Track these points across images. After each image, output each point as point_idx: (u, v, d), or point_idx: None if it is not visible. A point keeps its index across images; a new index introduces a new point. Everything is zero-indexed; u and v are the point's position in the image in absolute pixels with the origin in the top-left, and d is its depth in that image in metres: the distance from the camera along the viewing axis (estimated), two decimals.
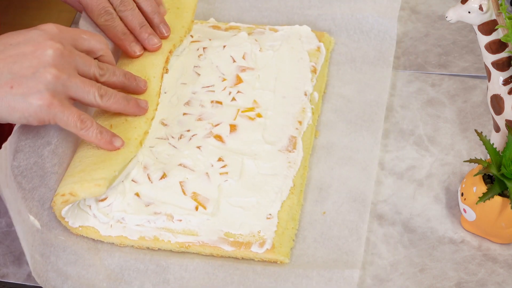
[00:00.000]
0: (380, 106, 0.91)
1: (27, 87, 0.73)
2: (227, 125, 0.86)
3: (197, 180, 0.81)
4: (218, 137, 0.85)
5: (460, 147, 0.89)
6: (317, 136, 0.89)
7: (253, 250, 0.77)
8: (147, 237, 0.78)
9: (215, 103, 0.88)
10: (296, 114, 0.88)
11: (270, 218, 0.79)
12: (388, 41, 0.98)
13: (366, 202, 0.83)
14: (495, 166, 0.76)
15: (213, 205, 0.79)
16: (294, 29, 0.97)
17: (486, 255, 0.80)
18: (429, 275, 0.78)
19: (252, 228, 0.78)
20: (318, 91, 0.92)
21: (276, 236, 0.78)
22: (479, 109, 0.93)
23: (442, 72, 0.98)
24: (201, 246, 0.78)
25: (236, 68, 0.92)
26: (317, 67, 0.93)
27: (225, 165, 0.82)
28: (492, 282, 0.77)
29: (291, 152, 0.84)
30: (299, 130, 0.86)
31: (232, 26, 0.99)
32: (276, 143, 0.85)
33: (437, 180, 0.86)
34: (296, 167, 0.83)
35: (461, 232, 0.81)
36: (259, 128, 0.86)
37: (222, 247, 0.77)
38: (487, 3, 0.75)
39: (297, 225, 0.81)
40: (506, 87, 0.79)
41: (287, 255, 0.77)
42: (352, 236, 0.80)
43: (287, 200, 0.81)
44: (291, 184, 0.82)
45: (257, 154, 0.84)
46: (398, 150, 0.89)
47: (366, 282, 0.77)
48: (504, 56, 0.78)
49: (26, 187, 0.77)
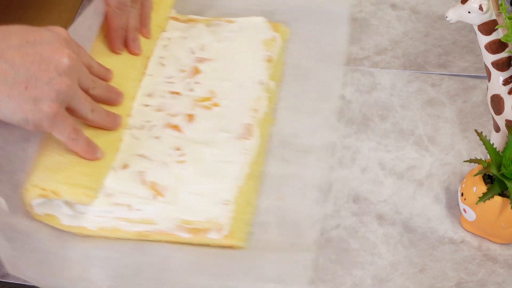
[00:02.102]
0: (333, 94, 0.94)
1: (41, 92, 0.73)
2: (184, 115, 0.88)
3: (155, 169, 0.82)
4: (175, 127, 0.87)
5: (460, 147, 0.89)
6: (273, 124, 0.91)
7: (210, 236, 0.78)
8: (106, 228, 0.79)
9: (174, 94, 0.90)
10: (252, 102, 0.90)
11: (226, 204, 0.80)
12: (341, 29, 1.01)
13: (322, 187, 0.84)
14: (495, 166, 0.76)
15: (171, 193, 0.80)
16: (250, 20, 0.99)
17: (486, 255, 0.80)
18: (429, 275, 0.78)
19: (209, 214, 0.79)
20: (274, 80, 0.93)
21: (233, 221, 0.79)
22: (479, 109, 0.93)
23: (442, 72, 0.98)
24: (159, 234, 0.78)
25: (195, 60, 0.94)
26: (272, 57, 0.95)
27: (183, 154, 0.84)
28: (492, 282, 0.77)
29: (247, 140, 0.86)
30: (255, 118, 0.88)
31: (191, 18, 1.01)
32: (232, 131, 0.86)
33: (437, 180, 0.86)
34: (253, 154, 0.85)
35: (461, 232, 0.82)
36: (216, 117, 0.88)
37: (180, 234, 0.78)
38: (487, 3, 0.75)
39: (254, 210, 0.82)
40: (506, 87, 0.79)
41: (243, 240, 0.79)
42: (308, 221, 0.81)
43: (243, 186, 0.82)
44: (247, 170, 0.83)
45: (213, 142, 0.85)
46: (398, 150, 0.89)
47: (366, 282, 0.77)
48: (504, 56, 0.78)
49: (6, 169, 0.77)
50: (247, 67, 0.94)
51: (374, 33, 1.03)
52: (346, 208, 0.84)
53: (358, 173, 0.87)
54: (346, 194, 0.85)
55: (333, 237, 0.81)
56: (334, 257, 0.79)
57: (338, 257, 0.79)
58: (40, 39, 0.75)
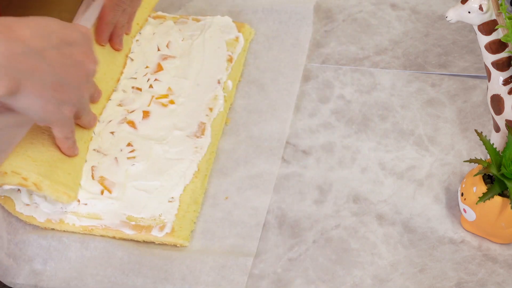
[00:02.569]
0: (291, 95, 0.94)
1: (68, 96, 0.73)
2: (140, 112, 0.88)
3: (106, 164, 0.83)
4: (131, 122, 0.87)
5: (460, 147, 0.89)
6: (228, 123, 0.92)
7: (153, 233, 0.79)
8: (53, 220, 0.79)
9: (136, 89, 0.91)
10: (208, 101, 0.90)
11: (172, 202, 0.81)
12: (305, 28, 1.02)
13: (268, 188, 0.84)
14: (495, 166, 0.76)
15: (118, 189, 0.81)
16: (215, 20, 1.00)
17: (486, 255, 0.80)
18: (429, 275, 0.78)
19: (154, 211, 0.80)
20: (232, 80, 0.94)
21: (177, 219, 0.80)
22: (479, 109, 0.93)
23: (442, 72, 0.98)
24: (103, 229, 0.79)
25: (159, 57, 0.95)
26: (233, 56, 0.96)
27: (133, 150, 0.85)
28: (492, 282, 0.77)
29: (199, 138, 0.87)
30: (209, 116, 0.89)
31: (159, 15, 1.01)
32: (185, 129, 0.87)
33: (437, 180, 0.86)
34: (203, 152, 0.86)
35: (461, 232, 0.82)
36: (171, 115, 0.89)
37: (124, 230, 0.79)
38: (487, 3, 0.75)
39: (199, 209, 0.82)
40: (506, 87, 0.79)
41: (186, 238, 0.79)
42: (251, 222, 0.81)
43: (190, 184, 0.83)
44: (195, 168, 0.84)
45: (165, 140, 0.86)
46: (398, 150, 0.89)
47: (366, 282, 0.77)
48: (504, 56, 0.78)
49: None
50: (208, 66, 0.94)
51: (374, 33, 1.03)
52: (346, 208, 0.84)
53: (358, 173, 0.87)
54: (346, 194, 0.85)
55: (333, 237, 0.81)
56: (334, 257, 0.79)
57: (338, 257, 0.79)
58: (73, 40, 0.74)
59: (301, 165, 0.87)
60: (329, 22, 1.05)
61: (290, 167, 0.87)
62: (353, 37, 1.03)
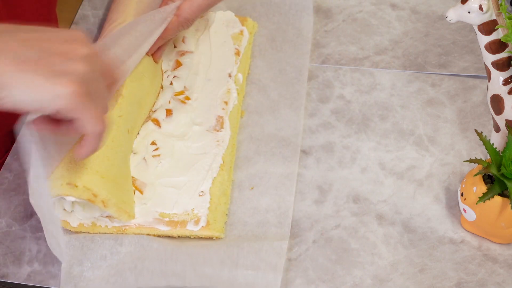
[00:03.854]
0: (301, 83, 0.95)
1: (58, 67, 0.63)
2: (163, 110, 0.89)
3: (135, 164, 0.83)
4: (155, 120, 0.87)
5: (460, 147, 0.89)
6: (243, 115, 0.92)
7: (189, 228, 0.79)
8: (85, 224, 0.79)
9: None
10: (222, 95, 0.91)
11: (202, 195, 0.81)
12: (306, 18, 1.03)
13: (291, 176, 0.85)
14: (495, 166, 0.76)
15: (149, 189, 0.81)
16: (218, 15, 1.00)
17: (486, 255, 0.80)
18: (429, 275, 0.78)
19: (186, 206, 0.80)
20: (242, 73, 0.95)
21: (210, 212, 0.80)
22: (479, 109, 0.93)
23: (442, 72, 0.98)
24: (137, 228, 0.79)
25: (176, 53, 0.95)
26: (240, 50, 0.97)
27: (158, 148, 0.85)
28: (492, 282, 0.77)
29: (219, 132, 0.87)
30: (225, 110, 0.90)
31: None
32: (204, 124, 0.88)
33: (437, 180, 0.86)
34: (225, 145, 0.86)
35: (461, 232, 0.82)
36: (188, 111, 0.89)
37: (158, 227, 0.79)
38: (487, 3, 0.75)
39: (229, 200, 0.83)
40: (506, 87, 0.79)
41: (221, 230, 0.80)
42: (280, 209, 0.82)
43: (217, 176, 0.83)
44: (220, 161, 0.84)
45: (186, 136, 0.87)
46: (398, 150, 0.89)
47: (366, 282, 0.77)
48: (504, 56, 0.78)
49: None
50: (216, 61, 0.95)
51: (374, 33, 1.03)
52: (346, 208, 0.84)
53: (358, 173, 0.87)
54: (346, 194, 0.85)
55: (333, 237, 0.81)
56: (334, 257, 0.79)
57: (338, 257, 0.79)
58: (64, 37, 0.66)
59: (301, 165, 0.87)
60: (329, 22, 1.05)
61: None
62: (353, 37, 1.03)
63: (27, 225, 0.82)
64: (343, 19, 1.05)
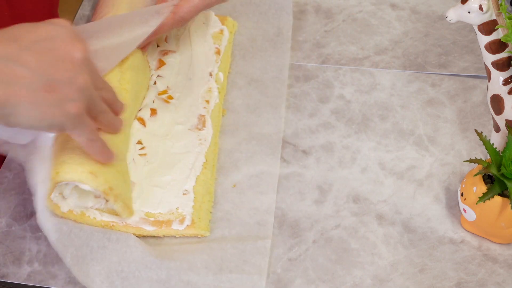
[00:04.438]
0: (281, 82, 0.96)
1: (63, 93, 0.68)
2: (148, 109, 0.88)
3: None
4: (140, 119, 0.87)
5: (460, 147, 0.89)
6: (224, 114, 0.92)
7: (174, 227, 0.79)
8: (75, 212, 0.79)
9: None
10: (203, 94, 0.91)
11: (186, 194, 0.81)
12: (285, 17, 1.03)
13: (273, 174, 0.86)
14: (495, 166, 0.76)
15: (137, 189, 0.81)
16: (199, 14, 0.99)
17: (486, 255, 0.80)
18: (429, 275, 0.78)
19: (171, 205, 0.81)
20: (223, 72, 0.95)
21: (194, 211, 0.80)
22: (479, 109, 0.93)
23: (442, 72, 0.98)
24: (124, 226, 0.79)
25: (159, 52, 0.95)
26: (220, 49, 0.97)
27: (144, 147, 0.85)
28: (492, 282, 0.77)
29: (201, 130, 0.87)
30: (207, 109, 0.90)
31: None
32: (186, 123, 0.88)
33: (437, 180, 0.86)
34: (207, 143, 0.86)
35: (461, 232, 0.82)
36: (172, 110, 0.89)
37: (144, 227, 0.79)
38: (487, 3, 0.75)
39: (213, 198, 0.83)
40: (506, 87, 0.79)
41: (207, 228, 0.80)
42: (263, 206, 0.83)
43: (201, 175, 0.83)
44: (203, 159, 0.85)
45: (168, 135, 0.87)
46: (398, 150, 0.89)
47: (366, 282, 0.77)
48: (504, 56, 0.78)
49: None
50: (197, 60, 0.95)
51: (374, 33, 1.03)
52: (346, 208, 0.84)
53: (358, 173, 0.87)
54: (346, 194, 0.85)
55: (333, 237, 0.81)
56: (334, 257, 0.79)
57: (338, 257, 0.79)
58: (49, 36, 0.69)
59: (301, 165, 0.87)
60: (329, 22, 1.05)
61: (290, 167, 0.87)
62: (353, 37, 1.03)
63: (27, 225, 0.82)
64: (343, 19, 1.05)
